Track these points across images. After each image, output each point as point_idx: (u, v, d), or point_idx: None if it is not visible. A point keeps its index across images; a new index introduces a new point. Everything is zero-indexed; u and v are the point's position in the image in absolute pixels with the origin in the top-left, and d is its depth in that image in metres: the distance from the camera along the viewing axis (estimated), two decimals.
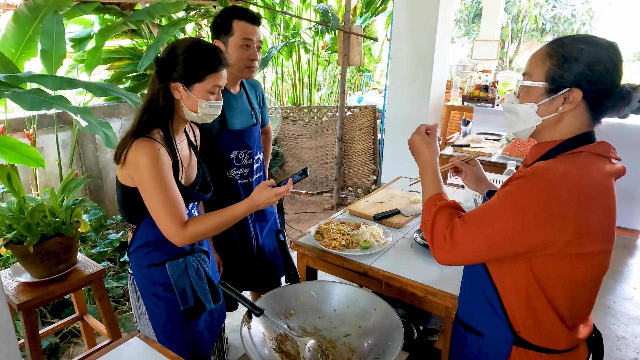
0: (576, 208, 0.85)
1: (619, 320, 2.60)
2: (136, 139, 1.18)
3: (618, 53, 0.90)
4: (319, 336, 1.21)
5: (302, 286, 1.31)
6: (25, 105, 2.33)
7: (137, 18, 3.54)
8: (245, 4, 4.45)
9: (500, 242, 0.89)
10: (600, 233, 0.89)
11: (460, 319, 1.14)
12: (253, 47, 1.62)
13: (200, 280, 1.39)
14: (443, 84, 3.70)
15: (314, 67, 5.62)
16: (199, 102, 1.25)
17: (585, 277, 0.92)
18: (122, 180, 1.25)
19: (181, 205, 1.22)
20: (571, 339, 0.98)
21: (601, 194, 0.89)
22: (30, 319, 1.53)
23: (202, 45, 1.25)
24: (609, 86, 0.89)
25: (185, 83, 1.23)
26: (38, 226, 1.53)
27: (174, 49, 1.24)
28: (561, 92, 0.90)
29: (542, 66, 0.93)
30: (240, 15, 1.58)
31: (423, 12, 3.29)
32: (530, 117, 0.95)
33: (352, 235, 1.61)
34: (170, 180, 1.20)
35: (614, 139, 0.99)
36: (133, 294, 1.42)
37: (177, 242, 1.21)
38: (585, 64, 0.88)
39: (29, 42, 2.91)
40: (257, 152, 1.80)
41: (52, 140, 3.31)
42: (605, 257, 0.93)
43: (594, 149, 0.92)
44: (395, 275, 1.40)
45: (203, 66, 1.23)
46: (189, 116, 1.29)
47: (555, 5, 11.52)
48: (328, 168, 4.51)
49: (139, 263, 1.35)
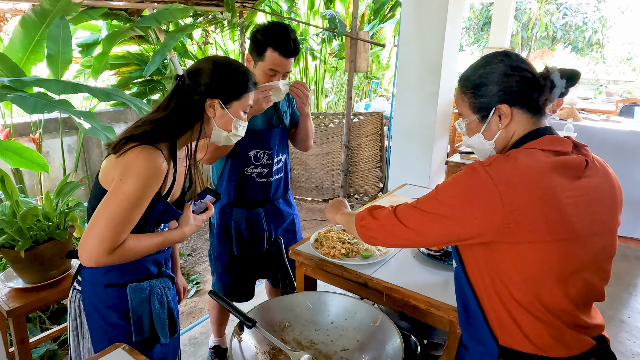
0: (500, 191, 0.87)
1: (634, 336, 2.48)
2: (143, 144, 1.08)
3: (514, 56, 0.99)
4: (314, 350, 1.15)
5: (298, 297, 1.26)
6: (28, 108, 2.32)
7: (144, 24, 3.56)
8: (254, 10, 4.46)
9: (439, 227, 0.95)
10: (540, 221, 0.87)
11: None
12: (277, 77, 1.62)
13: (162, 310, 1.26)
14: (451, 92, 3.64)
15: (321, 74, 5.61)
16: (234, 122, 1.22)
17: (537, 268, 0.90)
18: (103, 184, 1.12)
19: (129, 230, 1.08)
20: (560, 344, 0.92)
21: (533, 182, 0.88)
22: (20, 326, 1.49)
23: (238, 64, 1.24)
24: (526, 83, 0.96)
25: (224, 100, 1.19)
26: (31, 230, 1.49)
27: (206, 65, 1.19)
28: (491, 114, 0.99)
29: (464, 104, 1.04)
30: (276, 45, 1.55)
31: (431, 19, 3.25)
32: (484, 145, 1.03)
33: (353, 243, 1.55)
34: (146, 201, 1.09)
35: (622, 147, 0.94)
36: (75, 315, 1.22)
37: (91, 263, 1.05)
38: (492, 83, 0.97)
39: (35, 47, 2.93)
40: (278, 153, 1.80)
41: (57, 145, 3.32)
42: (561, 247, 0.89)
43: (536, 144, 0.95)
44: (397, 287, 1.34)
45: (242, 84, 1.22)
46: (216, 136, 1.24)
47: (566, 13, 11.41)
48: (334, 175, 4.46)
49: (95, 280, 1.18)
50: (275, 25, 1.58)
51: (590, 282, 0.94)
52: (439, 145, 3.58)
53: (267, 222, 1.84)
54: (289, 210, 1.94)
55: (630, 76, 12.12)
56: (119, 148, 1.08)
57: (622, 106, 5.14)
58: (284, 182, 1.91)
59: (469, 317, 1.02)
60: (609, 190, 0.97)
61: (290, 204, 1.96)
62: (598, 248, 0.94)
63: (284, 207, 1.91)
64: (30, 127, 3.19)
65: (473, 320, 1.00)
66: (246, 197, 1.79)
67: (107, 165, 1.11)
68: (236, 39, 4.80)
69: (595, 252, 0.94)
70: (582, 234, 0.91)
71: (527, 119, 0.98)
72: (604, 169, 0.99)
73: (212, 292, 1.16)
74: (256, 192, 1.80)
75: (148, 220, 1.16)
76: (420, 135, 3.52)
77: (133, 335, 1.20)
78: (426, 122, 3.48)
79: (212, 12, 4.32)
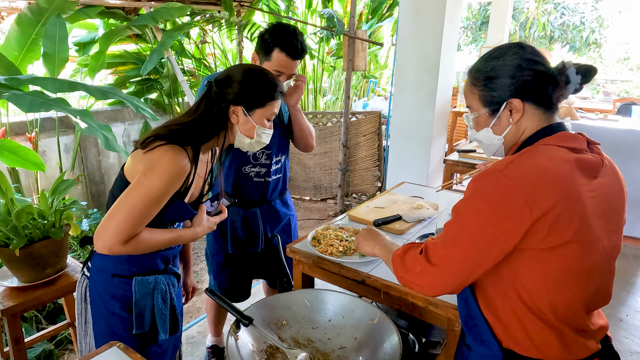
0: (525, 195, 0.82)
1: (632, 334, 2.48)
2: (170, 144, 1.12)
3: (528, 49, 0.94)
4: (312, 348, 1.14)
5: (295, 294, 1.25)
6: (24, 107, 2.31)
7: (142, 22, 3.54)
8: (251, 9, 4.45)
9: (476, 252, 0.87)
10: (566, 222, 0.83)
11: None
12: (283, 78, 1.61)
13: (164, 306, 1.28)
14: (449, 91, 3.64)
15: (319, 73, 5.60)
16: (257, 129, 1.24)
17: (557, 275, 0.86)
18: (128, 176, 1.15)
19: (145, 224, 1.11)
20: (566, 350, 0.90)
21: (557, 180, 0.84)
22: (15, 325, 1.48)
23: (265, 72, 1.26)
24: (540, 77, 0.91)
25: (247, 107, 1.22)
26: (26, 229, 1.48)
27: (235, 72, 1.22)
28: (502, 108, 0.95)
29: (473, 96, 0.99)
30: (283, 46, 1.54)
31: (429, 18, 3.25)
32: (492, 140, 0.99)
33: (351, 241, 1.54)
34: (165, 199, 1.12)
35: (620, 146, 0.94)
36: (82, 300, 1.27)
37: (105, 251, 1.07)
38: (504, 76, 0.92)
39: (31, 45, 2.91)
40: (277, 153, 1.80)
41: (54, 144, 3.30)
42: (581, 250, 0.86)
43: (551, 140, 0.91)
44: (395, 284, 1.33)
45: (266, 92, 1.23)
46: (239, 142, 1.27)
47: (564, 13, 11.43)
48: (332, 174, 4.45)
49: (103, 268, 1.22)
50: (283, 26, 1.57)
51: (599, 283, 0.92)
52: (437, 144, 3.58)
53: (263, 222, 1.83)
54: (285, 211, 1.93)
55: (627, 75, 12.15)
56: (147, 144, 1.12)
57: (619, 105, 5.15)
58: (282, 183, 1.90)
59: (473, 319, 0.99)
60: (618, 190, 0.95)
61: (288, 205, 1.95)
62: (608, 248, 0.92)
63: (281, 208, 1.90)
64: (26, 126, 3.17)
65: (477, 321, 0.98)
66: (243, 196, 1.78)
67: (133, 159, 1.15)
68: (234, 38, 4.78)
69: (607, 253, 0.91)
70: (598, 235, 0.88)
71: (539, 115, 0.94)
72: (613, 168, 0.97)
73: (209, 289, 1.15)
74: (253, 191, 1.79)
75: (163, 217, 1.18)
76: (418, 134, 3.52)
77: (134, 328, 1.23)
78: (424, 121, 3.48)
79: (210, 11, 4.30)
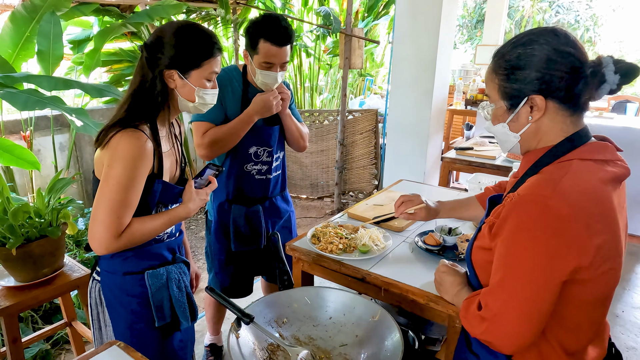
0: (583, 222, 0.75)
1: (628, 330, 2.50)
2: (123, 129, 1.08)
3: (563, 38, 0.81)
4: (313, 346, 1.14)
5: (296, 292, 1.24)
6: (18, 105, 2.28)
7: (137, 20, 3.51)
8: (247, 6, 4.43)
9: (534, 292, 0.77)
10: (613, 247, 0.79)
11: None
12: (275, 69, 1.58)
13: (181, 294, 1.27)
14: (446, 88, 3.64)
15: (316, 71, 5.59)
16: (196, 91, 1.17)
17: (593, 296, 0.82)
18: (99, 177, 1.13)
19: (130, 213, 1.09)
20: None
21: (600, 204, 0.78)
22: (12, 325, 1.47)
23: (196, 28, 1.15)
24: (570, 74, 0.80)
25: (181, 70, 1.14)
26: (22, 228, 1.46)
27: (165, 32, 1.13)
28: (521, 104, 0.84)
29: (493, 85, 0.88)
30: (266, 35, 1.51)
31: (425, 16, 3.25)
32: (508, 136, 0.90)
33: (350, 239, 1.54)
34: (138, 182, 1.09)
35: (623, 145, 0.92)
36: (96, 304, 1.25)
37: (103, 250, 1.08)
38: (530, 68, 0.81)
39: (26, 43, 2.88)
40: (277, 150, 1.81)
41: (49, 142, 3.27)
42: (616, 272, 0.83)
43: (586, 154, 0.82)
44: (395, 282, 1.33)
45: (199, 51, 1.14)
46: (184, 107, 1.20)
47: (558, 11, 11.48)
48: (329, 172, 4.45)
49: (113, 269, 1.20)
50: (266, 16, 1.55)
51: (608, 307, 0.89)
52: (433, 141, 3.59)
53: (265, 219, 1.84)
54: (286, 207, 1.94)
55: None
56: (101, 140, 1.10)
57: (614, 103, 5.17)
58: (282, 179, 1.91)
59: None
60: (624, 192, 0.91)
61: (287, 201, 1.97)
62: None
63: (282, 204, 1.91)
64: (20, 124, 3.14)
65: None
66: (245, 194, 1.78)
67: (97, 159, 1.14)
68: (230, 36, 4.76)
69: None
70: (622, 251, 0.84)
71: (562, 117, 0.84)
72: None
73: (209, 288, 1.14)
74: (255, 189, 1.79)
75: (149, 202, 1.17)
76: (414, 132, 3.53)
77: (156, 321, 1.22)
78: (421, 118, 3.48)
79: (206, 9, 4.28)
